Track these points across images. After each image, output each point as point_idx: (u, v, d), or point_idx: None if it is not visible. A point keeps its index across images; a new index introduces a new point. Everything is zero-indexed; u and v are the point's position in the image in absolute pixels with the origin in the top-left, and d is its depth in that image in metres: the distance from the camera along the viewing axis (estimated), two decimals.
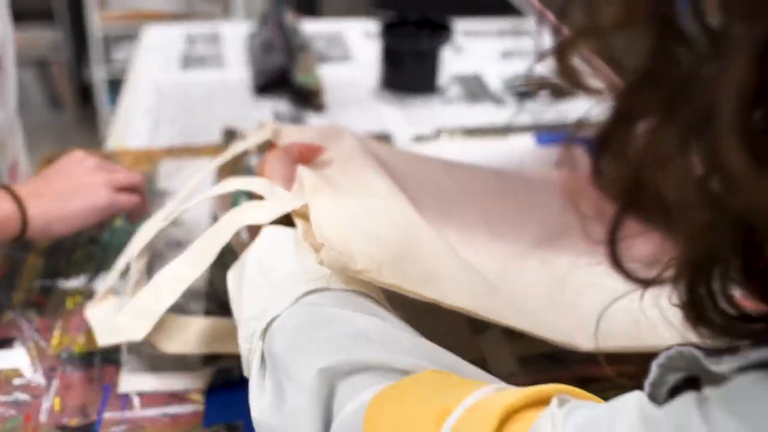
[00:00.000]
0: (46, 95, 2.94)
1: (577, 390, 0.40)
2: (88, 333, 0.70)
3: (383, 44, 1.23)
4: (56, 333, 0.71)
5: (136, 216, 0.80)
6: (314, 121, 1.15)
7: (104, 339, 0.64)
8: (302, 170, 0.62)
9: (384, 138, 1.06)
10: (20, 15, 0.89)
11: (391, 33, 1.23)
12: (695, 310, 0.31)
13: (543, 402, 0.38)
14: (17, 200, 0.69)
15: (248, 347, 0.52)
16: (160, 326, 0.63)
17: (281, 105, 1.19)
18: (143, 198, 0.80)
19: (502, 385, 0.43)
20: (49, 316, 0.73)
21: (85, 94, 2.93)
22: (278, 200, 0.60)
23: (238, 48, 1.40)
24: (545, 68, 0.33)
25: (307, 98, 1.18)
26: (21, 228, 0.69)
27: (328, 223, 0.54)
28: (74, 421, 0.62)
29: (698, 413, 0.29)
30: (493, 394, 0.40)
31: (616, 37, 0.29)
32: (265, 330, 0.51)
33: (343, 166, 0.66)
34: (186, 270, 0.61)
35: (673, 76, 0.27)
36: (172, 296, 0.61)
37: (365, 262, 0.52)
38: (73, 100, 2.98)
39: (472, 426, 0.37)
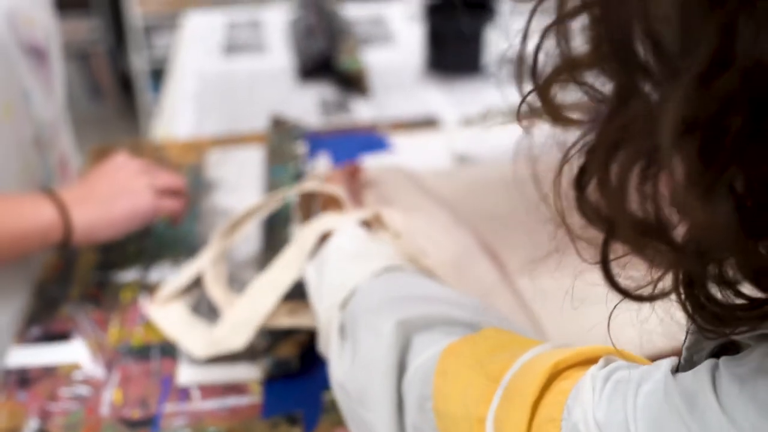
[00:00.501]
0: (87, 87, 2.97)
1: (626, 352, 0.40)
2: (146, 326, 0.71)
3: (427, 25, 1.22)
4: (113, 326, 0.71)
5: (178, 220, 0.79)
6: (360, 105, 1.13)
7: (205, 351, 0.65)
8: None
9: (430, 123, 1.04)
10: (57, 5, 0.89)
11: (435, 14, 1.22)
12: (696, 310, 0.32)
13: (592, 361, 0.39)
14: (61, 206, 0.69)
15: (327, 317, 0.55)
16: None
17: (326, 90, 1.18)
18: (186, 201, 0.79)
19: (559, 343, 0.45)
20: (105, 309, 0.73)
21: (125, 84, 2.95)
22: (353, 212, 0.65)
23: (279, 33, 1.40)
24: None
25: (351, 83, 1.17)
26: (65, 235, 0.69)
27: (398, 224, 0.63)
28: (135, 414, 0.63)
29: (710, 382, 0.30)
30: (546, 351, 0.41)
31: (591, 73, 0.30)
32: (345, 301, 0.54)
33: (398, 198, 0.74)
34: (280, 277, 0.64)
35: (636, 110, 0.28)
36: (269, 304, 0.64)
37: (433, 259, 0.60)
38: (114, 91, 3.00)
39: (526, 380, 0.39)
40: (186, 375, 0.66)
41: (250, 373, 0.66)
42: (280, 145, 0.92)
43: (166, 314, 0.70)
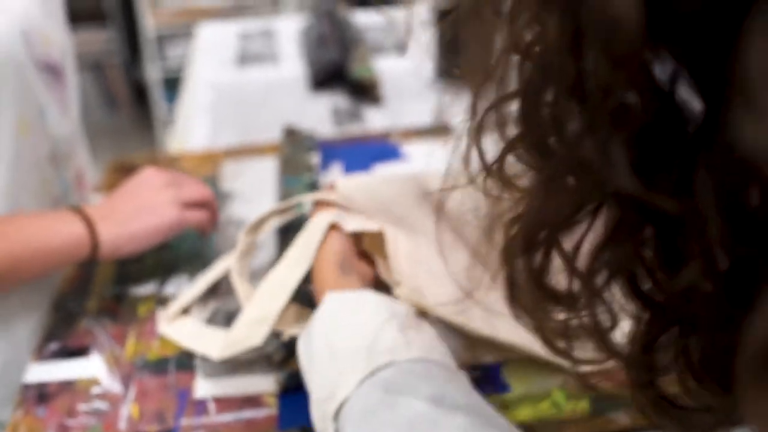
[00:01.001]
0: (103, 98, 3.00)
1: None
2: (162, 339, 0.71)
3: (438, 32, 1.22)
4: (130, 340, 0.72)
5: (206, 231, 0.79)
6: (372, 114, 1.14)
7: (222, 353, 0.65)
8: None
9: (443, 130, 1.04)
10: (71, 17, 0.90)
11: (446, 20, 1.22)
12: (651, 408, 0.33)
13: None
14: (88, 222, 0.70)
15: (323, 427, 0.52)
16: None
17: (339, 100, 1.19)
18: (214, 212, 0.79)
19: None
20: (122, 323, 0.74)
21: (140, 95, 2.98)
22: (358, 218, 0.66)
23: (292, 43, 1.40)
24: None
25: (364, 92, 1.17)
26: (92, 251, 0.70)
27: (401, 257, 0.62)
28: (152, 429, 0.63)
29: None
30: None
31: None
32: (337, 412, 0.51)
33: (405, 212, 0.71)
34: (290, 274, 0.64)
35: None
36: (281, 300, 0.63)
37: (435, 301, 0.58)
38: (129, 101, 3.03)
39: None
40: (202, 388, 0.66)
41: (265, 385, 0.66)
42: (294, 156, 0.92)
43: (179, 328, 0.71)
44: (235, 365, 0.68)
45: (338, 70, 1.20)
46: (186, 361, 0.69)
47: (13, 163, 0.75)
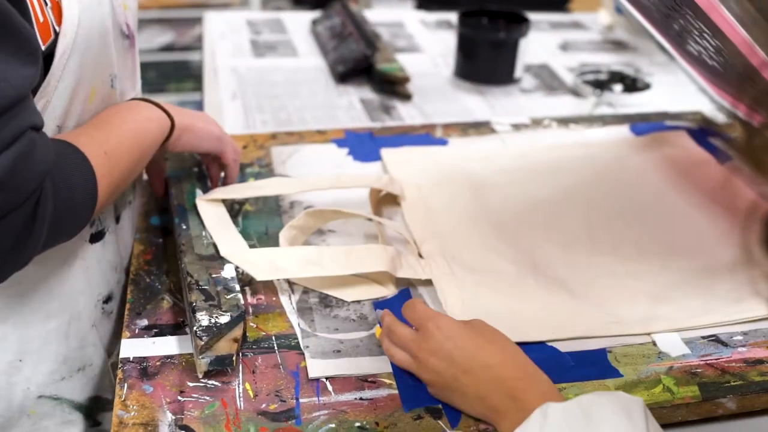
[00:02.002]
0: None
1: None
2: (257, 320, 0.70)
3: (461, 34, 1.23)
4: None
5: (230, 169, 0.83)
6: (402, 109, 1.14)
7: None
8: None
9: (483, 125, 1.06)
10: None
11: (468, 23, 1.23)
12: None
13: None
14: (161, 108, 0.75)
15: None
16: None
17: (365, 92, 1.18)
18: (235, 169, 0.84)
19: None
20: None
21: None
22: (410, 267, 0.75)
23: (302, 35, 1.39)
24: None
25: (393, 87, 1.17)
26: (170, 130, 0.75)
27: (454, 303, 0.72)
28: (273, 407, 0.61)
29: None
30: None
31: None
32: None
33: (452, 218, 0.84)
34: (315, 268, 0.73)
35: None
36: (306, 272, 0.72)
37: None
38: None
39: None
40: (317, 368, 0.65)
41: (379, 366, 0.65)
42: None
43: (211, 210, 0.78)
44: (340, 347, 0.67)
45: (365, 64, 1.20)
46: (286, 341, 0.67)
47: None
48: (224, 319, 0.64)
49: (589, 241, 0.83)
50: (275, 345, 0.67)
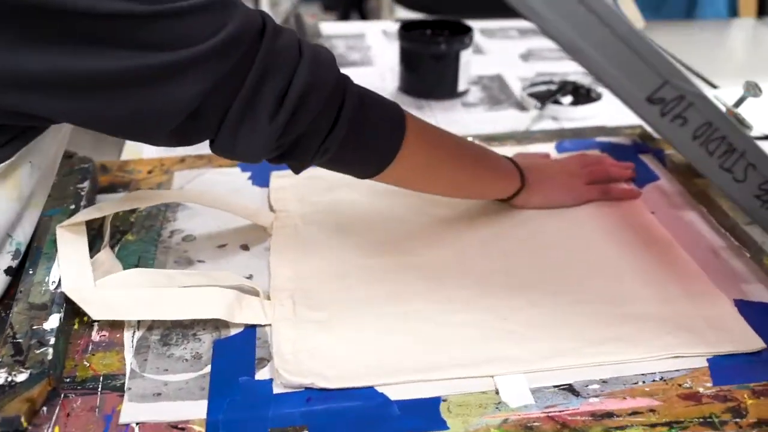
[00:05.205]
0: None
1: None
2: (92, 358, 0.68)
3: (401, 47, 1.20)
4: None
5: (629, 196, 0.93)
6: None
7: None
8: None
9: None
10: None
11: (408, 35, 1.20)
12: None
13: None
14: (524, 182, 0.87)
15: None
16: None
17: None
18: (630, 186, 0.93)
19: None
20: None
21: None
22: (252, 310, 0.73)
23: None
24: None
25: None
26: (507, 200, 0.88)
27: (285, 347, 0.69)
28: None
29: None
30: None
31: None
32: None
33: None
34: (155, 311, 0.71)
35: None
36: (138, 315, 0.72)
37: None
38: None
39: None
40: (128, 413, 0.63)
41: (196, 412, 0.64)
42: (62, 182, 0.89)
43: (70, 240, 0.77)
44: (165, 389, 0.65)
45: None
46: (114, 381, 0.66)
47: None
48: (21, 377, 0.63)
49: (459, 273, 0.79)
50: (100, 386, 0.66)
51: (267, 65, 0.63)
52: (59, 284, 0.72)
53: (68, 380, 0.66)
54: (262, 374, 0.67)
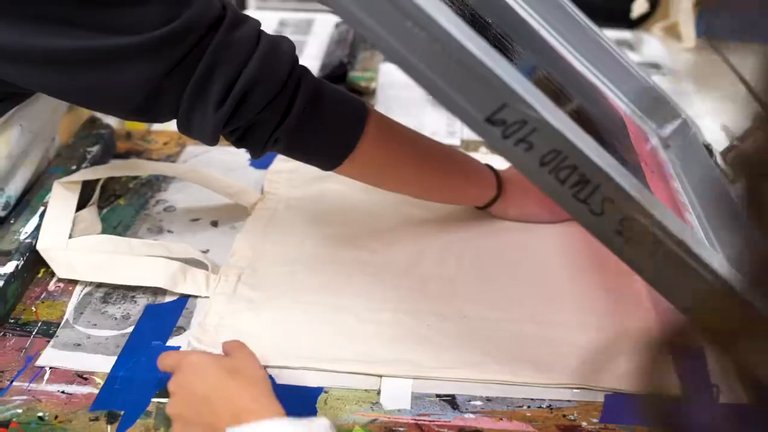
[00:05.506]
0: None
1: None
2: (41, 305, 0.76)
3: None
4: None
5: None
6: None
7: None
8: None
9: None
10: None
11: None
12: None
13: None
14: (500, 193, 0.87)
15: None
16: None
17: None
18: None
19: None
20: None
21: None
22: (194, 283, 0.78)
23: (322, 38, 1.42)
24: None
25: (361, 97, 1.17)
26: (484, 207, 0.88)
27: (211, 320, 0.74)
28: None
29: None
30: None
31: None
32: None
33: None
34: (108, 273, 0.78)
35: None
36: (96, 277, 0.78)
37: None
38: None
39: None
40: (45, 357, 0.70)
41: (104, 365, 0.69)
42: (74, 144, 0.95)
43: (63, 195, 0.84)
44: (87, 342, 0.72)
45: (342, 71, 1.21)
46: (47, 328, 0.73)
47: None
48: None
49: (404, 274, 0.80)
50: (35, 330, 0.73)
51: (218, 56, 0.67)
52: (30, 235, 0.80)
53: (12, 321, 0.74)
54: (174, 341, 0.72)
